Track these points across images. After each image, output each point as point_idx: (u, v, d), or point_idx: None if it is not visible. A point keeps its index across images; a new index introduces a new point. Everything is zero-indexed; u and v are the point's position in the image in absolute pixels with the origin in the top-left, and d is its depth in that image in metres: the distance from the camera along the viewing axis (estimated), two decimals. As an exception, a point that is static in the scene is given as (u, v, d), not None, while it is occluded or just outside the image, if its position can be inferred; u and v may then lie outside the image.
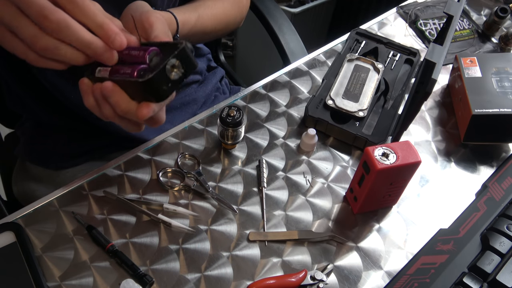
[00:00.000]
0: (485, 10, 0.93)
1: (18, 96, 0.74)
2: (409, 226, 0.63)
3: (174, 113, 0.79)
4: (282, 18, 0.97)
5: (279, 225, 0.61)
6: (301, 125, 0.72)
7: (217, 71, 0.89)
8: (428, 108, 0.76)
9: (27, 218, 0.59)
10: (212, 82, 0.86)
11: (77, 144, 0.76)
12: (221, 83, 0.91)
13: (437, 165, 0.69)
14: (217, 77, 0.88)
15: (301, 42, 0.94)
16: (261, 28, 0.99)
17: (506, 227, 0.58)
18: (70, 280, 0.55)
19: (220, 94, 0.89)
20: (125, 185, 0.63)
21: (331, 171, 0.67)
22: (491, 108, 0.66)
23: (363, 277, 0.57)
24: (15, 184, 0.83)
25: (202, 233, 0.60)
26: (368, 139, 0.67)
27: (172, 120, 0.78)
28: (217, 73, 0.89)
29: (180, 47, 0.44)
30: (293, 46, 0.93)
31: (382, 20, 0.90)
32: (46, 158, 0.77)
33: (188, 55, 0.45)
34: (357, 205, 0.62)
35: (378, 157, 0.55)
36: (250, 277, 0.57)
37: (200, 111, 0.83)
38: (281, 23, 0.96)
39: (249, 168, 0.67)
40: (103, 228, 0.59)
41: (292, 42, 0.94)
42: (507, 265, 0.54)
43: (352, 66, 0.75)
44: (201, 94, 0.83)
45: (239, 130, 0.64)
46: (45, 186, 0.78)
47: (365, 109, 0.69)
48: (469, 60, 0.73)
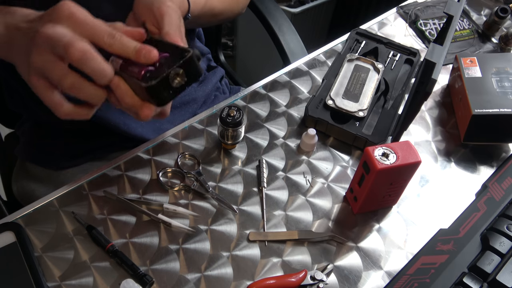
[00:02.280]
0: (485, 10, 0.93)
1: (19, 96, 0.74)
2: (409, 226, 0.63)
3: (174, 113, 0.79)
4: (282, 18, 0.97)
5: (279, 225, 0.61)
6: (301, 125, 0.72)
7: (217, 70, 0.89)
8: (428, 108, 0.76)
9: (27, 218, 0.59)
10: (212, 82, 0.86)
11: (78, 144, 0.77)
12: (221, 83, 0.91)
13: (437, 165, 0.69)
14: (217, 76, 0.88)
15: (301, 42, 0.94)
16: (261, 28, 0.99)
17: (506, 227, 0.58)
18: (70, 280, 0.55)
19: (220, 93, 0.89)
20: (125, 185, 0.63)
21: (331, 171, 0.67)
22: (491, 108, 0.66)
23: (363, 277, 0.57)
24: (15, 184, 0.83)
25: (202, 233, 0.60)
26: (368, 139, 0.67)
27: (172, 119, 0.78)
28: (217, 73, 0.89)
29: (187, 56, 0.44)
30: (293, 46, 0.93)
31: (382, 20, 0.90)
32: (47, 158, 0.78)
33: (194, 64, 0.45)
34: (357, 205, 0.62)
35: (378, 157, 0.55)
36: (250, 277, 0.57)
37: (200, 111, 0.83)
38: (281, 23, 0.96)
39: (249, 168, 0.67)
40: (103, 228, 0.59)
41: (292, 42, 0.94)
42: (507, 265, 0.54)
43: (352, 66, 0.75)
44: (201, 94, 0.83)
45: (239, 130, 0.64)
46: (45, 186, 0.78)
47: (365, 109, 0.69)
48: (469, 60, 0.73)
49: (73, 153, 0.76)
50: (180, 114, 0.80)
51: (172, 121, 0.78)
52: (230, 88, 0.93)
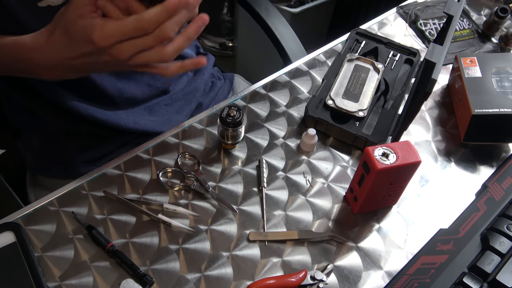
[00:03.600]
0: (485, 10, 0.93)
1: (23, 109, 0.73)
2: (409, 226, 0.63)
3: (180, 104, 0.81)
4: (278, 18, 0.97)
5: (279, 225, 0.61)
6: (301, 125, 0.72)
7: (208, 57, 0.90)
8: (428, 108, 0.76)
9: (27, 218, 0.59)
10: (207, 69, 0.87)
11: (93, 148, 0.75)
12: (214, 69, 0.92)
13: (437, 165, 0.69)
14: (210, 63, 0.90)
15: (298, 41, 0.94)
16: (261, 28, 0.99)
17: (506, 227, 0.58)
18: (70, 280, 0.55)
19: (216, 79, 0.90)
20: (125, 185, 0.63)
21: (331, 171, 0.67)
22: (491, 108, 0.66)
23: (363, 277, 0.57)
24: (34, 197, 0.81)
25: (202, 233, 0.60)
26: (368, 139, 0.67)
27: (179, 110, 0.80)
28: (209, 59, 0.89)
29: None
30: (293, 46, 0.93)
31: (382, 20, 0.90)
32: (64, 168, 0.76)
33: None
34: (357, 205, 0.62)
35: (378, 157, 0.55)
36: (250, 277, 0.57)
37: (203, 99, 0.84)
38: (277, 23, 0.96)
39: (249, 168, 0.67)
40: (103, 228, 0.59)
41: (292, 42, 0.94)
42: (507, 265, 0.54)
43: (352, 66, 0.75)
44: (200, 82, 0.84)
45: (239, 130, 0.64)
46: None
47: (365, 109, 0.69)
48: (469, 60, 0.73)
49: (90, 158, 0.75)
50: (186, 104, 0.81)
51: (179, 111, 0.79)
52: (224, 76, 0.94)
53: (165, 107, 0.79)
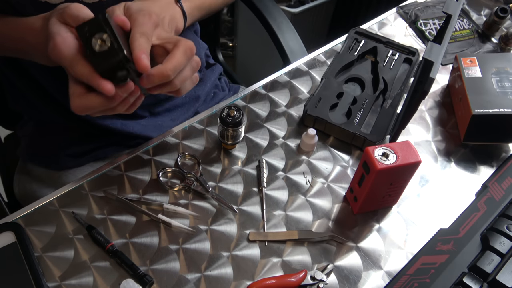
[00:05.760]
0: (485, 10, 0.93)
1: (22, 95, 0.74)
2: (409, 226, 0.63)
3: (177, 111, 0.80)
4: (281, 17, 0.97)
5: (279, 225, 0.61)
6: (301, 125, 0.72)
7: (215, 68, 0.89)
8: (428, 108, 0.76)
9: (27, 218, 0.59)
10: (211, 79, 0.86)
11: (80, 143, 0.76)
12: (220, 81, 0.91)
13: (437, 165, 0.69)
14: (216, 74, 0.89)
15: (300, 41, 0.94)
16: (261, 28, 0.99)
17: (506, 227, 0.58)
18: (70, 280, 0.55)
19: (219, 91, 0.89)
20: (125, 185, 0.63)
21: (331, 171, 0.67)
22: (491, 108, 0.66)
23: (363, 277, 0.57)
24: (17, 186, 0.83)
25: (202, 233, 0.60)
26: (367, 137, 0.67)
27: (174, 117, 0.79)
28: (215, 70, 0.89)
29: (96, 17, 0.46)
30: (293, 46, 0.93)
31: (382, 20, 0.90)
32: (49, 159, 0.77)
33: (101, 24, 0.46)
34: (357, 205, 0.62)
35: (378, 157, 0.55)
36: (250, 277, 0.57)
37: (201, 108, 0.83)
38: (280, 22, 0.96)
39: (249, 168, 0.67)
40: (103, 228, 0.59)
41: (292, 41, 0.94)
42: (507, 265, 0.54)
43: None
44: (201, 92, 0.83)
45: (239, 130, 0.64)
46: (47, 187, 0.77)
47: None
48: (469, 60, 0.73)
49: (76, 153, 0.76)
50: (183, 113, 0.80)
51: (175, 119, 0.79)
52: (230, 86, 0.93)
53: (161, 114, 0.79)
